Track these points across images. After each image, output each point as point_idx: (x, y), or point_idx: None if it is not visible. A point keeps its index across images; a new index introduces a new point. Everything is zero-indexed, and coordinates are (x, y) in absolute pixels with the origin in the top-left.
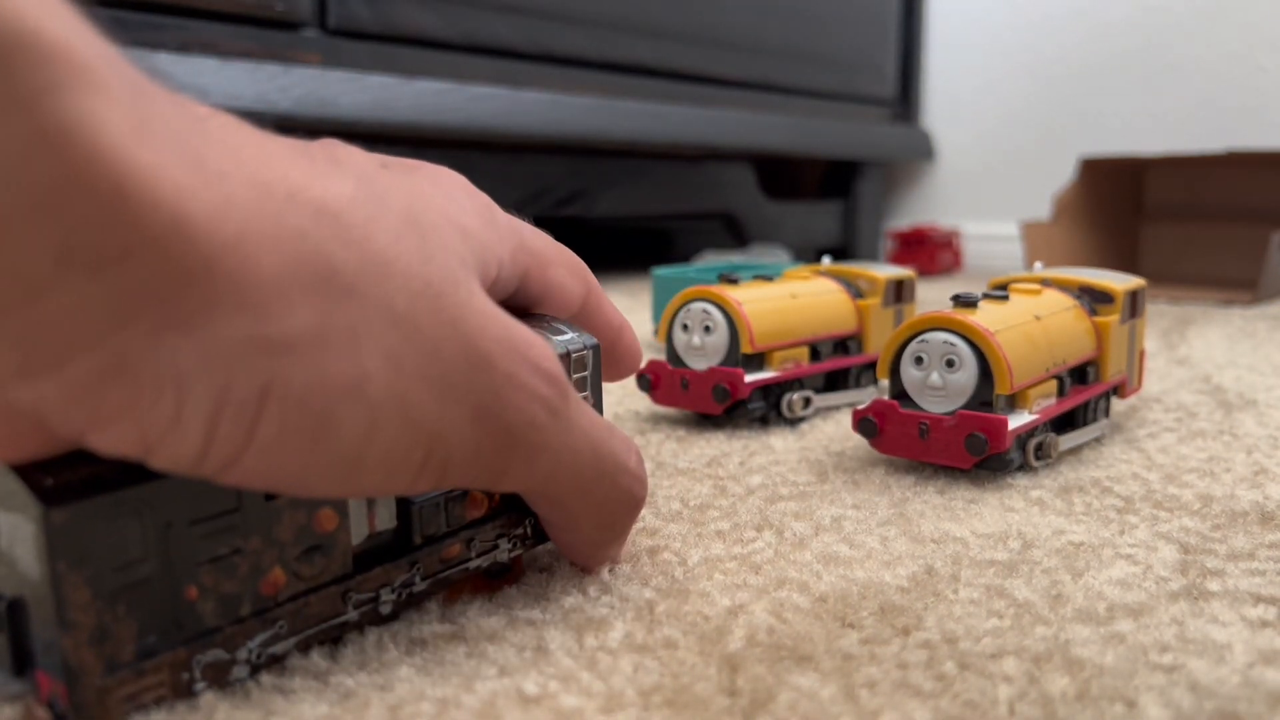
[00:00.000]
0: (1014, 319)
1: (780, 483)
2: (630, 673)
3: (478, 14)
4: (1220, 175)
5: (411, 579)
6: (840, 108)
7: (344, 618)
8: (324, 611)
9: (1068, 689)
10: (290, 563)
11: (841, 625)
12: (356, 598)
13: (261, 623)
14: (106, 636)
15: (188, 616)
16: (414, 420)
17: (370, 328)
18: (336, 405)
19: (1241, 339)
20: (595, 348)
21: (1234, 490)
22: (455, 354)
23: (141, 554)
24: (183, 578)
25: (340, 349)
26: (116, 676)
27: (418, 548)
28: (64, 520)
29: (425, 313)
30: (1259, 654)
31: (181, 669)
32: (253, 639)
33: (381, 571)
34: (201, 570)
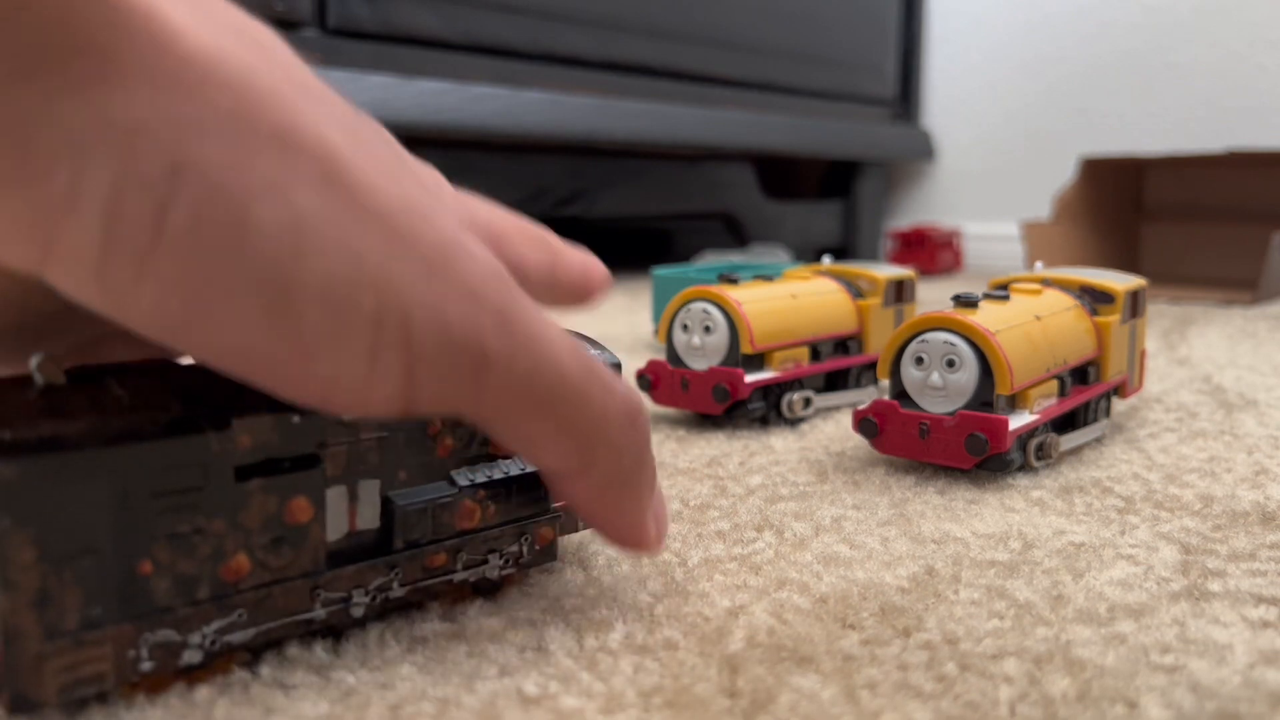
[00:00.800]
0: (1015, 319)
1: (780, 483)
2: (630, 673)
3: (477, 14)
4: (1221, 175)
5: (389, 583)
6: (840, 107)
7: (310, 614)
8: (289, 605)
9: (1069, 690)
10: (256, 550)
11: (842, 626)
12: (326, 595)
13: (219, 608)
14: (49, 601)
15: (139, 592)
16: (354, 250)
17: (301, 140)
18: (258, 199)
19: (1242, 339)
20: (616, 366)
21: (1235, 490)
22: (392, 200)
23: (94, 520)
24: (137, 551)
25: (264, 143)
26: (55, 644)
27: (398, 552)
28: (14, 475)
29: (358, 155)
30: (1260, 654)
31: (128, 645)
32: (209, 624)
33: (355, 571)
34: (158, 546)
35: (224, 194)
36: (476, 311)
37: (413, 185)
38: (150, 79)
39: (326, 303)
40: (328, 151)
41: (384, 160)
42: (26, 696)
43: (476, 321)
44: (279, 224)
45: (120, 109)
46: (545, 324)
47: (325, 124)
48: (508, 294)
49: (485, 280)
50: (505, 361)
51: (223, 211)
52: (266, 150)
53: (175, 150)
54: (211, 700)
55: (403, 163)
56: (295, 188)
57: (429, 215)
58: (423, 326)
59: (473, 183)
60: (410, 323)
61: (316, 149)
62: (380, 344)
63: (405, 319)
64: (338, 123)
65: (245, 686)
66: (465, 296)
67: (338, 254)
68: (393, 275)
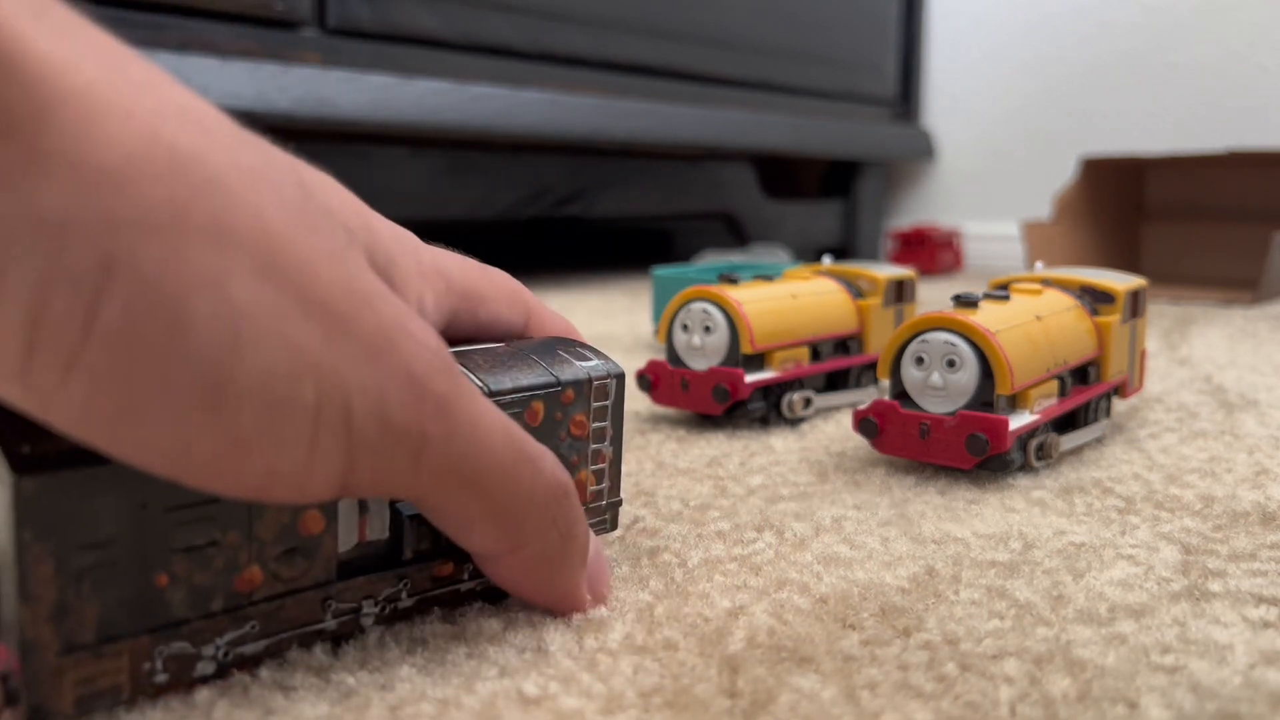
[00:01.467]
0: (1015, 319)
1: (781, 483)
2: (630, 674)
3: (477, 13)
4: (1221, 175)
5: (398, 594)
6: (841, 107)
7: (321, 625)
8: (300, 616)
9: (1069, 690)
10: (269, 562)
11: (842, 626)
12: (336, 606)
13: (232, 620)
14: (67, 614)
15: (155, 604)
16: (291, 343)
17: (236, 228)
18: (193, 295)
19: (1242, 339)
20: (619, 376)
21: (1235, 491)
22: (334, 285)
23: (112, 534)
24: (154, 563)
25: (199, 236)
26: (73, 657)
27: (407, 562)
28: (33, 490)
29: (301, 236)
30: (1260, 655)
31: (143, 658)
32: (222, 635)
33: (366, 582)
34: (174, 558)
35: (158, 290)
36: (418, 397)
37: (357, 266)
38: (79, 171)
39: (265, 396)
40: (267, 240)
41: (328, 241)
42: (45, 708)
43: (417, 407)
44: (215, 319)
45: (47, 202)
46: (482, 408)
47: (268, 208)
48: (449, 378)
49: (427, 365)
50: (441, 445)
51: (157, 308)
52: (201, 243)
53: (106, 245)
54: (211, 701)
55: (351, 240)
56: (231, 281)
57: (371, 299)
58: (363, 413)
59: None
60: (351, 410)
61: (254, 238)
62: (320, 433)
63: (346, 406)
64: (282, 204)
65: (245, 688)
66: (406, 382)
67: (276, 347)
68: (333, 363)
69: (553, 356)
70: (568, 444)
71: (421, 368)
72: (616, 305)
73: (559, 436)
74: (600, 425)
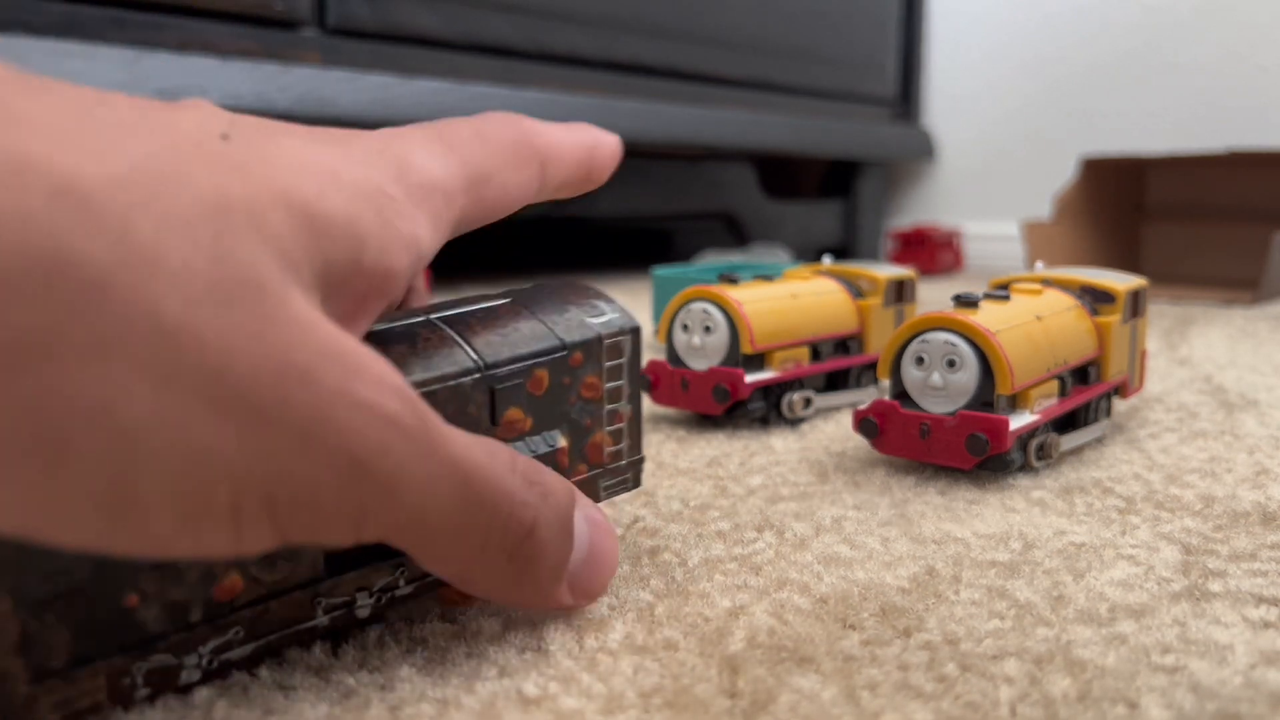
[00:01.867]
0: (1015, 319)
1: (781, 483)
2: (630, 674)
3: (477, 13)
4: (1222, 175)
5: (395, 582)
6: (841, 107)
7: (313, 623)
8: (289, 616)
9: (1069, 690)
10: (249, 568)
11: (842, 626)
12: (328, 602)
13: (214, 629)
14: (33, 645)
15: (127, 625)
16: (200, 450)
17: (126, 338)
18: (74, 428)
19: (1242, 339)
20: (634, 330)
21: (1236, 491)
22: (257, 369)
23: (71, 561)
24: (121, 585)
25: (78, 361)
26: (46, 684)
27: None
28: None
29: (209, 321)
30: (1261, 655)
31: (121, 674)
32: (205, 644)
33: (358, 575)
34: (143, 577)
35: (32, 424)
36: (357, 479)
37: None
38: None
39: (173, 504)
40: (164, 341)
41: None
42: None
43: (356, 489)
44: (102, 443)
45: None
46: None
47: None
48: (401, 444)
49: (375, 440)
50: (386, 516)
51: (33, 444)
52: (81, 367)
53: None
54: (210, 701)
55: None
56: (122, 401)
57: (308, 371)
58: (290, 502)
59: None
60: (275, 502)
61: (149, 343)
62: (243, 525)
63: (269, 500)
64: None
65: (244, 688)
66: (346, 467)
67: (180, 458)
68: (250, 460)
69: (561, 312)
70: (579, 407)
71: (365, 447)
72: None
73: (568, 401)
74: (615, 384)
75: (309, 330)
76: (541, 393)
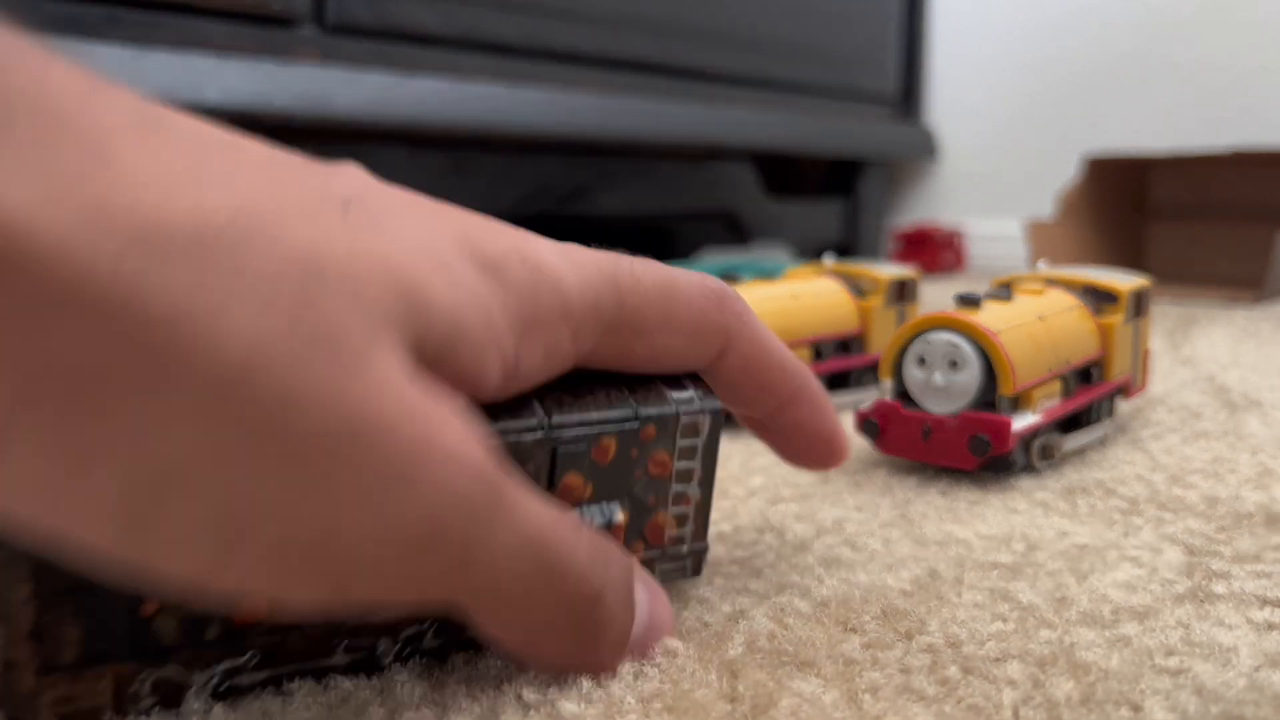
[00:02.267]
0: (1018, 319)
1: (781, 484)
2: (630, 680)
3: (476, 10)
4: (1226, 174)
5: (422, 634)
6: (842, 106)
7: (330, 661)
8: (306, 651)
9: (1072, 693)
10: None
11: (843, 630)
12: (348, 643)
13: (229, 650)
14: (46, 635)
15: (141, 631)
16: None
17: (179, 374)
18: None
19: (1246, 339)
20: (715, 413)
21: (1239, 491)
22: (324, 417)
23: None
24: (141, 591)
25: (126, 389)
26: (52, 677)
27: None
28: None
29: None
30: (1265, 657)
31: (128, 682)
32: (217, 664)
33: (384, 621)
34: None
35: (65, 443)
36: (426, 549)
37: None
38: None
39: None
40: (222, 378)
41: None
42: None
43: (425, 559)
44: (134, 472)
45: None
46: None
47: (233, 340)
48: (480, 513)
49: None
50: (456, 583)
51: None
52: (125, 394)
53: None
54: (207, 707)
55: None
56: (162, 431)
57: (385, 428)
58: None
59: (473, 181)
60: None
61: (203, 378)
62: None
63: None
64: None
65: (240, 692)
66: (417, 532)
67: (218, 495)
68: (303, 509)
69: (645, 387)
70: (644, 484)
71: (441, 508)
72: None
73: (634, 475)
74: (687, 465)
75: (389, 385)
76: (607, 462)
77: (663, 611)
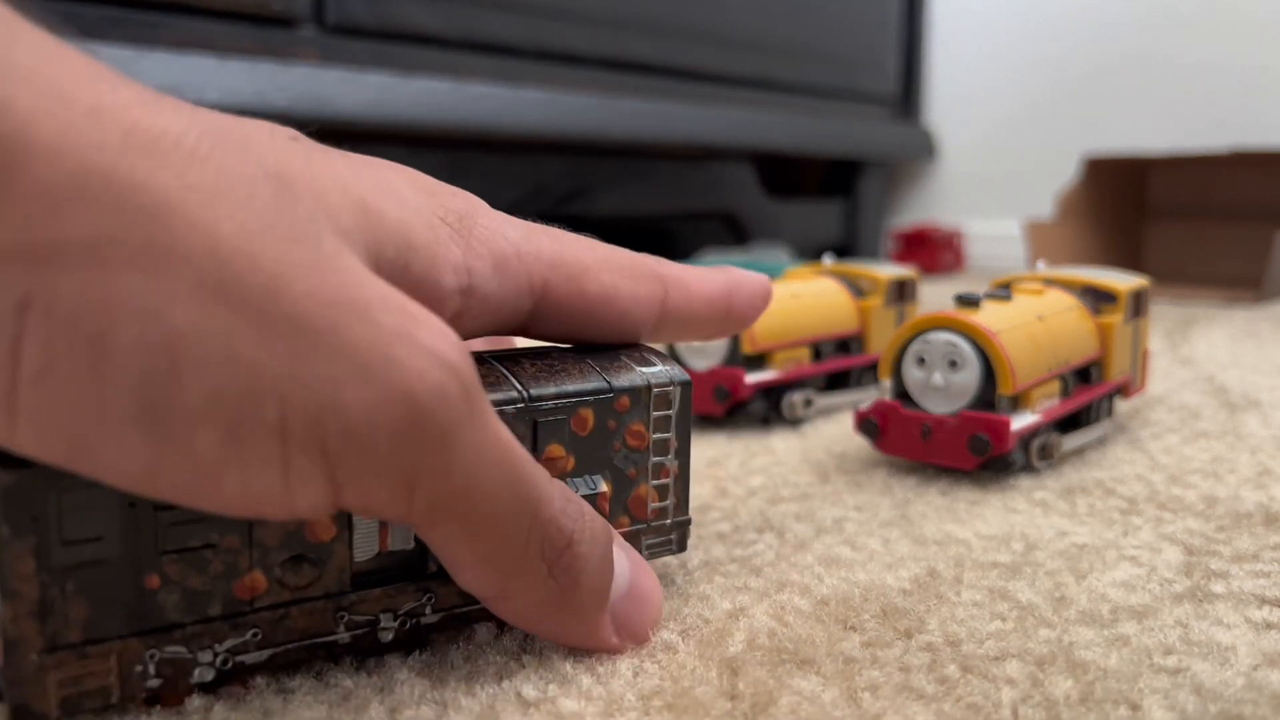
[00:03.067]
0: (1017, 319)
1: (781, 484)
2: (630, 677)
3: (476, 11)
4: (1225, 174)
5: (421, 608)
6: (842, 106)
7: (334, 637)
8: (309, 627)
9: (1071, 692)
10: (273, 568)
11: (843, 628)
12: (350, 618)
13: (232, 626)
14: (50, 612)
15: (147, 606)
16: (246, 363)
17: (180, 252)
18: (118, 327)
19: (1245, 339)
20: (684, 384)
21: (1238, 491)
22: (313, 297)
23: (98, 531)
24: (144, 564)
25: (129, 266)
26: (57, 656)
27: (433, 576)
28: (12, 483)
29: (266, 250)
30: (1264, 656)
31: (134, 660)
32: (221, 642)
33: (383, 594)
34: (165, 560)
35: (75, 327)
36: (414, 424)
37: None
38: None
39: (217, 419)
40: (218, 259)
41: (307, 250)
42: (29, 707)
43: (412, 436)
44: (146, 348)
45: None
46: (491, 442)
47: (224, 225)
48: (460, 403)
49: (433, 387)
50: (436, 482)
51: (77, 345)
52: (130, 273)
53: (23, 285)
54: (208, 705)
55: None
56: (167, 306)
57: (367, 308)
58: (341, 435)
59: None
60: (325, 432)
61: (201, 260)
62: (291, 453)
63: (318, 428)
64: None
65: (245, 672)
66: (403, 407)
67: (224, 368)
68: (302, 382)
69: (613, 362)
70: (623, 455)
71: (424, 391)
72: None
73: (613, 446)
74: (663, 436)
75: (368, 278)
76: (586, 433)
77: (647, 582)
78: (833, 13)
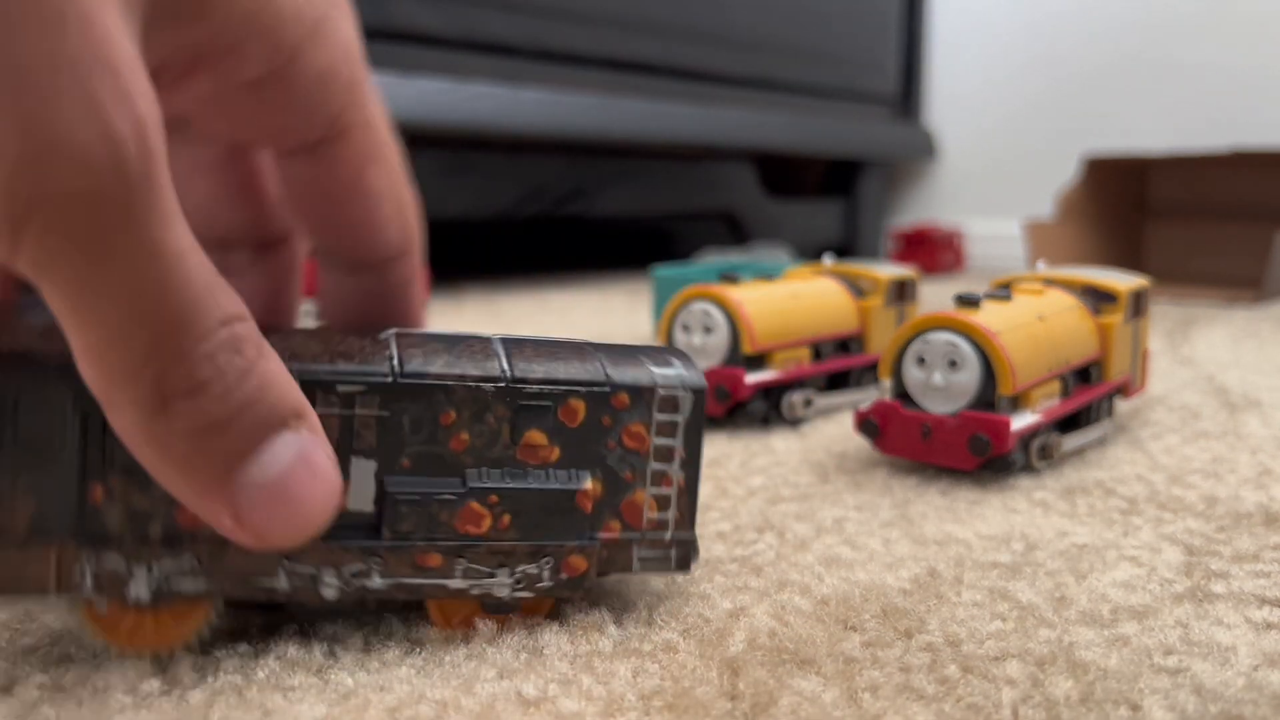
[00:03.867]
0: (1017, 319)
1: (781, 484)
2: (630, 676)
3: (476, 11)
4: (1225, 174)
5: (367, 571)
6: (842, 106)
7: (273, 582)
8: (248, 567)
9: (1071, 692)
10: None
11: (843, 628)
12: (291, 567)
13: (169, 550)
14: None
15: (88, 515)
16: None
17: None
18: None
19: (1245, 339)
20: (696, 390)
21: (1238, 491)
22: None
23: (51, 437)
24: (91, 476)
25: None
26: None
27: (386, 545)
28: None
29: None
30: (1264, 656)
31: (72, 561)
32: (157, 562)
33: (326, 549)
34: (112, 475)
35: None
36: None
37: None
38: None
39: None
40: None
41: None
42: None
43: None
44: None
45: None
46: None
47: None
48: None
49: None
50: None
51: None
52: None
53: None
54: (208, 703)
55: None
56: None
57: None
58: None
59: (472, 182)
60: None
61: None
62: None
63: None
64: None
65: (241, 689)
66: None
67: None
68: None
69: (626, 358)
70: (618, 455)
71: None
72: (616, 305)
73: (606, 444)
74: (666, 442)
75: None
76: (575, 425)
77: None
78: (833, 13)
